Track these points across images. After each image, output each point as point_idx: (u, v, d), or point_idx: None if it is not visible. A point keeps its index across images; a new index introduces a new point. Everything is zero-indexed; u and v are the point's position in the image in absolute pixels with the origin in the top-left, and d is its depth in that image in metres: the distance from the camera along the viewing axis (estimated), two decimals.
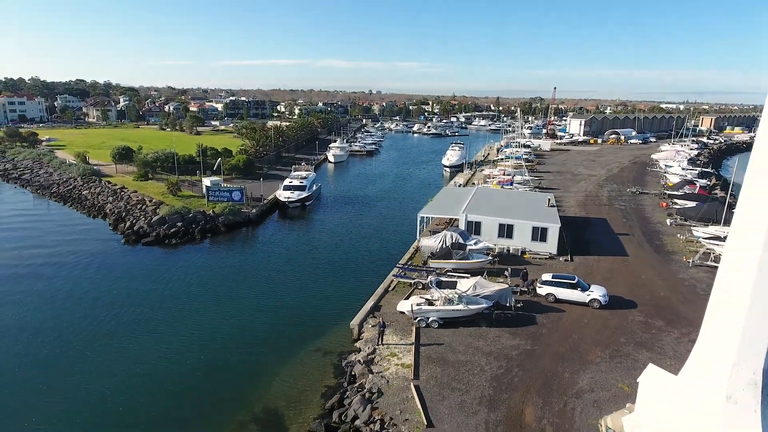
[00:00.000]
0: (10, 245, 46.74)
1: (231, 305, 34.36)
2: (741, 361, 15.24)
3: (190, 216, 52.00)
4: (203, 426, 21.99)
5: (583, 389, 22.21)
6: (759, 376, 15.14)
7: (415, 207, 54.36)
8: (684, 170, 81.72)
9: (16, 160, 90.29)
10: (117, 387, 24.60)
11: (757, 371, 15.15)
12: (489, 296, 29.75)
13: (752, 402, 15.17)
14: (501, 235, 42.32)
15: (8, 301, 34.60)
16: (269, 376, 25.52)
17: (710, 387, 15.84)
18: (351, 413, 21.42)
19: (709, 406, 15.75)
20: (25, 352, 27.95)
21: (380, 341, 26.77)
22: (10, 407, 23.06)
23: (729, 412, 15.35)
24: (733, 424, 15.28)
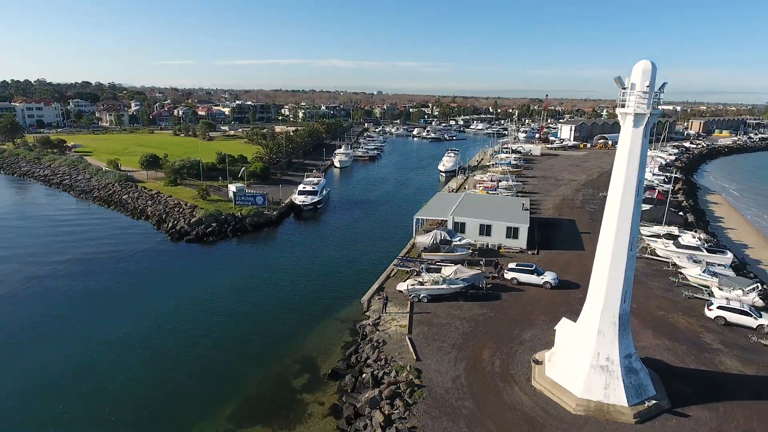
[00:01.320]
0: (77, 242, 56.30)
1: (265, 288, 43.98)
2: (605, 309, 24.77)
3: (222, 218, 61.61)
4: (260, 366, 31.51)
5: (525, 340, 31.77)
6: (616, 319, 24.64)
7: (412, 209, 63.71)
8: (654, 176, 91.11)
9: (53, 167, 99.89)
10: (191, 338, 34.21)
11: (615, 316, 24.66)
12: (466, 279, 39.29)
13: (612, 334, 24.70)
14: (481, 233, 51.89)
15: (93, 287, 44.25)
16: (303, 337, 35.09)
17: (590, 326, 25.36)
18: (364, 356, 30.97)
19: (589, 338, 25.25)
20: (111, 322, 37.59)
21: (384, 311, 36.30)
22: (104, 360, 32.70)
23: (600, 340, 24.87)
24: (602, 347, 24.79)
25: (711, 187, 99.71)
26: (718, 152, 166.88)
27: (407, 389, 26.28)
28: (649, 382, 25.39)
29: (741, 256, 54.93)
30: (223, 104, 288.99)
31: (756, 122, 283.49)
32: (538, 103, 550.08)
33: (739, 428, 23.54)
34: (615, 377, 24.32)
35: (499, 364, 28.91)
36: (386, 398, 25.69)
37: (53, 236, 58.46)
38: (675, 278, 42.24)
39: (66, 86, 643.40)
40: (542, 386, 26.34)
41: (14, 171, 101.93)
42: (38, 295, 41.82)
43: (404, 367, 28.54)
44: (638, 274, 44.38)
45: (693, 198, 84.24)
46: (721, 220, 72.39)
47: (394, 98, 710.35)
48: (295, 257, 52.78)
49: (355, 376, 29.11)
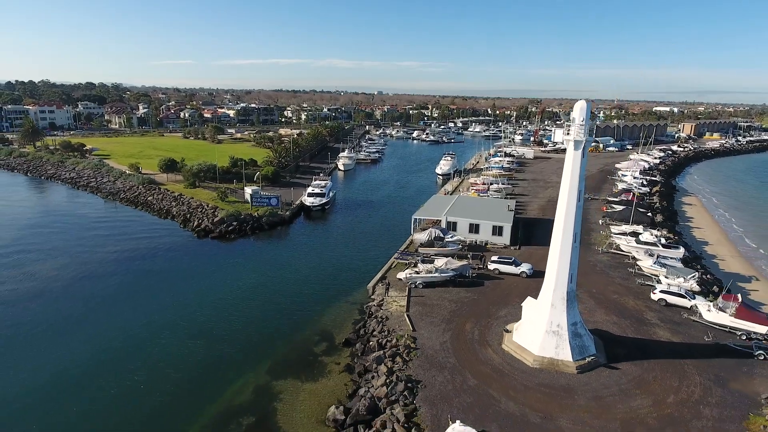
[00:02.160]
0: (114, 239, 63.80)
1: (284, 277, 51.54)
2: (556, 288, 32.30)
3: (242, 217, 69.14)
4: (288, 337, 39.00)
5: (500, 316, 39.29)
6: (565, 295, 32.15)
7: (411, 210, 70.93)
8: (635, 179, 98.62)
9: (77, 170, 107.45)
10: (228, 317, 41.78)
11: (564, 293, 32.17)
12: (455, 269, 46.80)
13: (562, 307, 32.22)
14: (471, 231, 59.42)
15: (139, 276, 51.80)
16: (320, 315, 42.62)
17: (546, 301, 32.91)
18: (370, 328, 38.49)
19: (545, 310, 32.77)
20: (148, 308, 45.15)
21: (386, 295, 43.82)
22: (136, 341, 40.26)
23: (552, 312, 32.40)
24: (554, 317, 32.31)
25: (689, 189, 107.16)
26: (705, 155, 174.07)
27: (405, 350, 33.85)
28: (591, 344, 32.96)
29: (700, 251, 62.52)
30: (228, 106, 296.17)
31: (747, 125, 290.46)
32: (536, 104, 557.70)
33: (656, 377, 31.07)
34: (563, 340, 31.87)
35: (477, 333, 36.46)
36: (389, 357, 33.24)
37: (93, 233, 66.04)
38: (632, 269, 49.80)
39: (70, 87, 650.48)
40: (510, 348, 33.90)
41: (41, 174, 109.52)
42: (92, 283, 49.36)
43: (403, 336, 36.09)
44: (603, 266, 52.07)
45: (669, 199, 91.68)
46: (691, 220, 79.87)
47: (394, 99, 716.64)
48: (307, 252, 60.37)
49: (363, 344, 36.66)
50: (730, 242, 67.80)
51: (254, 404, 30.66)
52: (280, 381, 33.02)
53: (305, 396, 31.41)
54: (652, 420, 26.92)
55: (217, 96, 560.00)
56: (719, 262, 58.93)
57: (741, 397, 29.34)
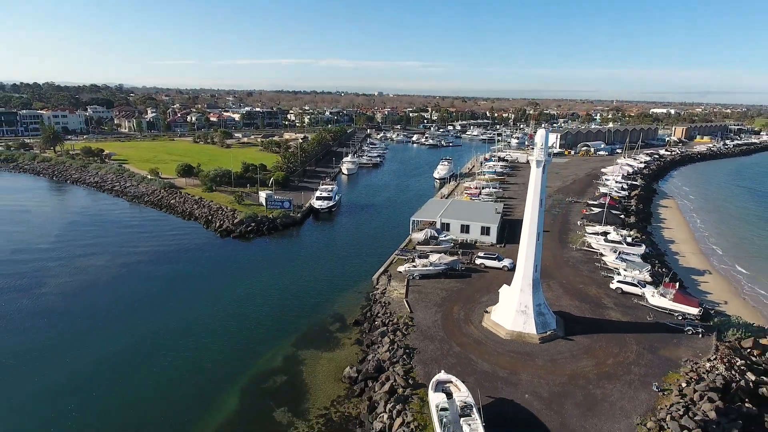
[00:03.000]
0: (145, 238, 71.98)
1: (299, 270, 59.72)
2: (524, 276, 40.51)
3: (259, 219, 77.33)
4: (307, 318, 47.17)
5: (483, 301, 47.47)
6: (531, 282, 40.34)
7: (409, 212, 79.00)
8: (616, 183, 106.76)
9: (100, 174, 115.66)
10: (255, 302, 49.97)
11: (530, 280, 40.35)
12: (447, 263, 54.96)
13: (529, 292, 40.41)
14: (462, 231, 67.58)
15: (174, 271, 60.04)
16: (333, 301, 50.81)
17: (516, 287, 41.11)
18: (375, 311, 46.67)
19: (516, 294, 40.97)
20: (175, 301, 53.37)
21: (389, 285, 51.99)
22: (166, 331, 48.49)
23: (521, 295, 40.60)
24: (523, 299, 40.52)
25: (669, 193, 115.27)
26: (691, 159, 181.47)
27: (404, 327, 42.06)
28: (552, 321, 41.16)
29: (665, 248, 70.72)
30: (233, 110, 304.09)
31: (738, 128, 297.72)
32: (535, 107, 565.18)
33: (601, 346, 39.26)
34: (529, 317, 40.06)
35: (463, 314, 44.68)
36: (391, 331, 41.45)
37: (127, 232, 74.32)
38: (598, 264, 57.97)
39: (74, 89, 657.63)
40: (488, 325, 42.12)
41: (66, 178, 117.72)
42: (135, 276, 57.59)
43: (402, 316, 44.30)
44: (574, 261, 60.25)
45: (647, 202, 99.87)
46: (664, 221, 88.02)
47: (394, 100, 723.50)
48: (318, 249, 68.63)
49: (370, 323, 44.87)
50: (695, 241, 75.95)
51: (284, 368, 38.84)
52: (303, 351, 41.22)
53: (324, 362, 39.63)
54: (592, 375, 35.12)
55: (220, 98, 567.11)
56: (680, 258, 67.13)
57: (666, 360, 37.53)
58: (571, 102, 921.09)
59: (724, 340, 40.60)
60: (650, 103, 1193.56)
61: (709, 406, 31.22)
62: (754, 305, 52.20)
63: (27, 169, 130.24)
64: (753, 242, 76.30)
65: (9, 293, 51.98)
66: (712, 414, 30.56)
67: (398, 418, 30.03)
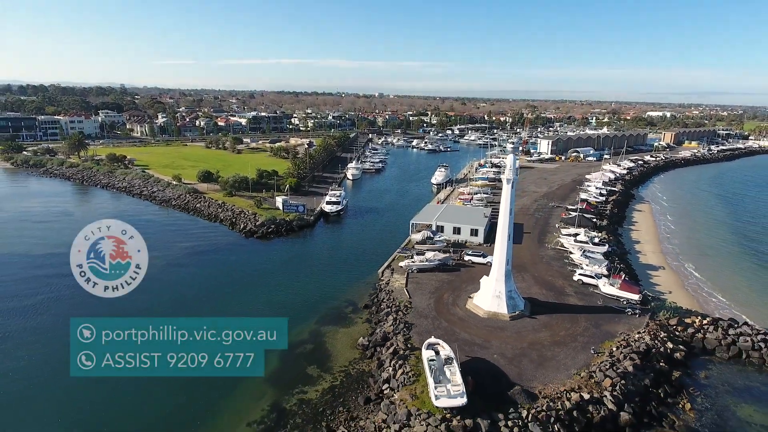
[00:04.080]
0: (179, 238, 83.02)
1: (315, 265, 70.89)
2: (498, 268, 51.67)
3: (278, 221, 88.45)
4: (325, 303, 58.24)
5: (468, 289, 58.58)
6: (503, 272, 51.47)
7: (409, 215, 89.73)
8: (597, 189, 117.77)
9: (127, 179, 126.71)
10: (278, 290, 61.09)
11: (503, 271, 51.49)
12: (440, 259, 66.06)
13: (502, 281, 51.56)
14: (454, 233, 78.68)
15: (210, 267, 71.14)
16: (346, 290, 61.94)
17: (493, 276, 52.27)
18: (381, 298, 57.80)
19: (492, 282, 52.11)
20: (203, 295, 64.53)
21: (391, 277, 63.11)
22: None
23: (496, 284, 51.75)
24: (497, 287, 51.67)
25: (646, 198, 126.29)
26: (675, 164, 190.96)
27: (404, 308, 53.19)
28: (521, 303, 52.27)
29: (630, 248, 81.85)
30: (240, 115, 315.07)
31: (726, 133, 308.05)
32: (533, 110, 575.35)
33: (557, 323, 50.38)
34: (502, 300, 51.16)
35: (451, 300, 55.83)
36: (393, 312, 52.59)
37: (164, 232, 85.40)
38: (567, 260, 69.08)
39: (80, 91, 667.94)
40: (470, 307, 53.24)
41: (96, 183, 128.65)
42: (181, 270, 68.67)
43: (402, 301, 55.43)
44: (548, 258, 71.36)
45: (623, 207, 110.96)
46: (635, 224, 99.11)
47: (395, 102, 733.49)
48: (330, 248, 79.89)
49: (377, 306, 55.99)
50: (658, 241, 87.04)
51: (311, 339, 49.96)
52: (325, 327, 52.38)
53: (341, 335, 50.79)
54: (547, 342, 46.23)
55: (224, 101, 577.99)
56: (640, 256, 78.27)
57: (606, 333, 48.66)
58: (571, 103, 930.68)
59: (656, 319, 51.76)
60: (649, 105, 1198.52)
61: (629, 363, 42.36)
62: (693, 294, 63.28)
63: (57, 174, 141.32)
64: (708, 243, 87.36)
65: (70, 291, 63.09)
66: (630, 368, 41.68)
67: (399, 369, 41.16)
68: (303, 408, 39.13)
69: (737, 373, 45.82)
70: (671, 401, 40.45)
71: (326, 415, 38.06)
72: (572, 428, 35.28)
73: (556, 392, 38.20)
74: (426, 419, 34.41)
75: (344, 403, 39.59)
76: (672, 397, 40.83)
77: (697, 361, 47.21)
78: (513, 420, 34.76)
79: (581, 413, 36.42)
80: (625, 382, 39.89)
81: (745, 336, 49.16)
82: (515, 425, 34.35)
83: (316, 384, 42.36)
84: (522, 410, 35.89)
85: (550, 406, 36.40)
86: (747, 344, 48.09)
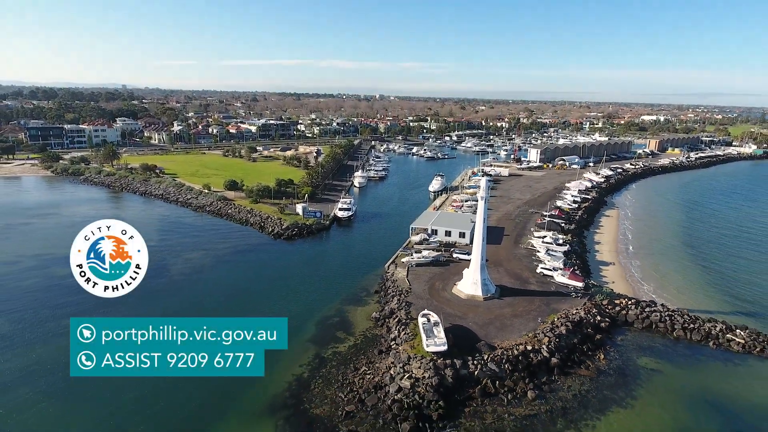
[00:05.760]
0: (216, 239, 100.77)
1: (333, 260, 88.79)
2: (474, 261, 69.53)
3: (299, 225, 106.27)
4: (343, 289, 76.03)
5: (454, 279, 76.29)
6: (479, 265, 69.28)
7: (409, 220, 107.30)
8: (572, 197, 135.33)
9: (162, 187, 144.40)
10: (307, 281, 78.95)
11: (479, 264, 69.31)
12: (434, 257, 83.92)
13: (478, 271, 69.39)
14: (446, 235, 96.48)
15: (248, 264, 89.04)
16: (359, 279, 79.77)
17: (471, 268, 70.11)
18: (388, 285, 75.61)
19: (470, 273, 69.93)
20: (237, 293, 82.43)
21: (395, 270, 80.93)
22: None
23: (474, 274, 69.57)
24: (474, 276, 69.49)
25: (617, 204, 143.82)
26: (653, 172, 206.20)
27: (405, 293, 71.05)
28: (493, 289, 70.10)
29: (590, 247, 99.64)
30: (249, 122, 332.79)
31: (709, 140, 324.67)
32: (529, 114, 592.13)
33: (519, 303, 68.16)
34: (478, 287, 68.96)
35: (441, 286, 73.68)
36: (397, 295, 70.42)
37: (204, 234, 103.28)
38: (534, 257, 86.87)
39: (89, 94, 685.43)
40: (455, 292, 71.04)
41: (134, 190, 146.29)
42: (223, 264, 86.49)
43: (404, 287, 73.24)
44: (520, 256, 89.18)
45: (593, 212, 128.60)
46: (600, 227, 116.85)
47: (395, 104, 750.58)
48: (344, 247, 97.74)
49: (384, 291, 73.82)
50: (615, 243, 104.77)
51: (336, 315, 67.65)
52: (346, 306, 70.17)
53: (359, 311, 68.59)
54: (508, 315, 64.02)
55: (230, 106, 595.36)
56: (597, 255, 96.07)
57: (552, 309, 66.41)
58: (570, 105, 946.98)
59: (592, 300, 69.58)
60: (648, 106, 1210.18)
61: (564, 328, 60.18)
62: (630, 284, 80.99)
63: (96, 181, 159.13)
64: (657, 244, 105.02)
65: (155, 278, 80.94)
66: (564, 331, 59.49)
67: (402, 332, 58.99)
68: (336, 357, 56.95)
69: (646, 338, 63.61)
70: (591, 354, 58.23)
71: (353, 360, 55.88)
72: (517, 367, 53.07)
73: (509, 345, 56.06)
74: (420, 360, 52.20)
75: (364, 353, 57.40)
76: (592, 351, 58.62)
77: (618, 330, 65.03)
78: (477, 360, 52.60)
79: (524, 357, 54.24)
80: (558, 340, 57.74)
81: (657, 312, 67.00)
82: (479, 363, 52.17)
83: (343, 342, 60.22)
84: (484, 355, 53.72)
85: (504, 353, 54.26)
86: (656, 318, 65.91)
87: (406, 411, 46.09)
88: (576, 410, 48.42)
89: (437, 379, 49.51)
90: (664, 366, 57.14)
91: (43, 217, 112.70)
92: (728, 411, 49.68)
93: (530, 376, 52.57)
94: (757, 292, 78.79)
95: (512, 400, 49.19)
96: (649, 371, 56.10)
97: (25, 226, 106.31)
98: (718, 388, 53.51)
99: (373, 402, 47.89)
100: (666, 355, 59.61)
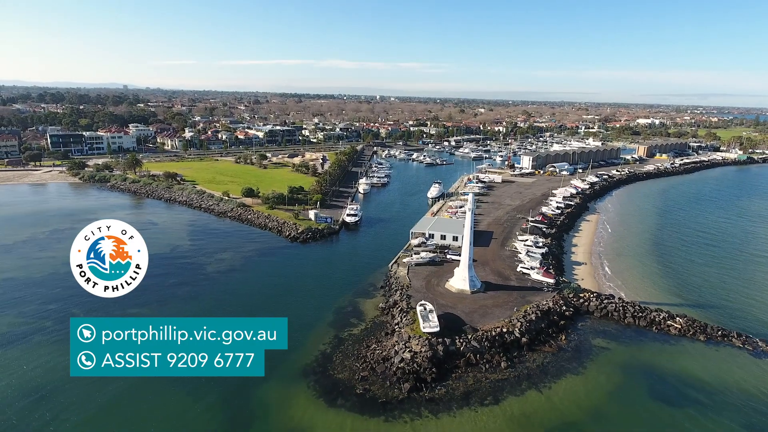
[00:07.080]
0: (239, 241, 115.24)
1: (344, 259, 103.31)
2: (463, 260, 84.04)
3: (313, 230, 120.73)
4: (352, 285, 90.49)
5: (447, 277, 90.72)
6: (467, 264, 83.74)
7: (409, 225, 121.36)
8: (556, 203, 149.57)
9: (184, 194, 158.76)
10: (321, 277, 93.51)
11: (467, 263, 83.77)
12: (431, 257, 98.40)
13: (466, 269, 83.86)
14: (442, 239, 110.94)
15: (256, 268, 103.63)
16: (367, 276, 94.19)
17: (461, 267, 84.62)
18: (391, 282, 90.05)
19: (460, 270, 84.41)
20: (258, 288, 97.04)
21: (398, 269, 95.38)
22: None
23: (462, 271, 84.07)
24: (464, 273, 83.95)
25: (598, 210, 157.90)
26: (637, 178, 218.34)
27: (406, 287, 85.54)
28: (479, 284, 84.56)
29: (567, 249, 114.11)
30: (256, 128, 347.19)
31: (697, 145, 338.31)
32: (527, 118, 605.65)
33: (500, 295, 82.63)
34: (466, 282, 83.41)
35: (436, 282, 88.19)
36: (399, 289, 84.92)
37: (229, 237, 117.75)
38: (516, 258, 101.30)
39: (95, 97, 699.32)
40: (448, 287, 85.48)
41: (159, 197, 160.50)
42: (248, 263, 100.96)
43: (405, 283, 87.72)
44: (504, 257, 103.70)
45: (575, 218, 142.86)
46: (580, 232, 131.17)
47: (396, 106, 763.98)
48: (353, 249, 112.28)
49: (389, 286, 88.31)
50: (591, 245, 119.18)
51: (349, 305, 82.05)
52: (357, 298, 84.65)
53: (368, 302, 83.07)
54: (490, 305, 78.49)
55: (234, 109, 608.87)
56: (573, 256, 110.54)
57: (526, 301, 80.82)
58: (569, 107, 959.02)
59: (561, 294, 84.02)
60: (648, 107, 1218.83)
61: (534, 316, 74.68)
62: (597, 281, 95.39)
63: (122, 188, 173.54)
64: (628, 246, 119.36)
65: (192, 277, 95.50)
66: (533, 318, 74.00)
67: (404, 318, 73.52)
68: (351, 337, 71.48)
69: (602, 324, 78.06)
70: (554, 335, 72.71)
71: (365, 339, 70.39)
72: (494, 344, 67.54)
73: (489, 328, 70.56)
74: (418, 339, 66.70)
75: (374, 334, 71.91)
76: (556, 334, 73.10)
77: (580, 318, 79.48)
78: (463, 339, 67.11)
79: (500, 337, 68.75)
80: (528, 324, 72.26)
81: (613, 304, 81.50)
82: (464, 341, 66.68)
83: (356, 327, 74.77)
84: (468, 335, 68.24)
85: (484, 333, 68.77)
86: (612, 308, 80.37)
87: (407, 375, 60.58)
88: (537, 376, 62.92)
89: (431, 352, 63.98)
90: (613, 345, 71.64)
91: (86, 222, 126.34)
92: (659, 379, 64.03)
93: (504, 351, 67.08)
94: (703, 287, 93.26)
95: (489, 368, 63.69)
96: (600, 349, 70.58)
97: (71, 230, 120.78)
98: (652, 362, 67.98)
99: (381, 370, 62.34)
100: (616, 337, 74.08)
